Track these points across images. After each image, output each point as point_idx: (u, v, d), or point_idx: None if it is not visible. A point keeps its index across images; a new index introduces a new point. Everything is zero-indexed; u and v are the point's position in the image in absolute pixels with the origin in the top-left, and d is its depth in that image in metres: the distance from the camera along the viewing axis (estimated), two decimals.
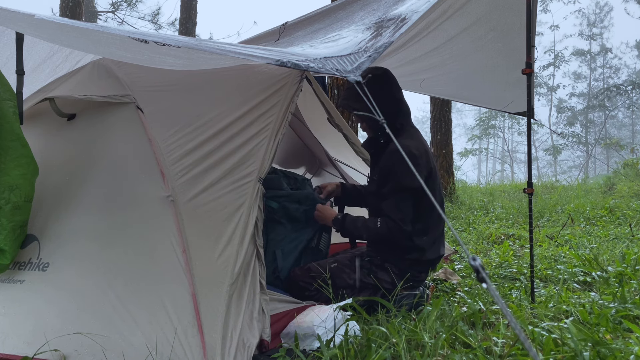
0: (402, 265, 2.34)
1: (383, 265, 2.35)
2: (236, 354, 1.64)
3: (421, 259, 2.35)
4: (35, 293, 1.85)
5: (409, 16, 1.92)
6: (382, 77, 2.44)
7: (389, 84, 2.46)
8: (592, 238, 4.22)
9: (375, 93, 2.42)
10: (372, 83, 2.39)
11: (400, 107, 2.46)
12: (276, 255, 2.44)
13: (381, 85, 2.42)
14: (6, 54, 2.31)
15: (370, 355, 1.68)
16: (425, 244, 2.35)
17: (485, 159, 39.54)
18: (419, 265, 2.37)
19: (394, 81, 2.48)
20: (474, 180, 19.15)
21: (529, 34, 2.56)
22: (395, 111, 2.42)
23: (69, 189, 2.02)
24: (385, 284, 2.31)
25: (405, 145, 2.27)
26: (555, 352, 1.63)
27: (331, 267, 2.37)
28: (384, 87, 2.43)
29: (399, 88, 2.49)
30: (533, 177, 3.06)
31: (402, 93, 2.52)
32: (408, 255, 2.34)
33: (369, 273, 2.35)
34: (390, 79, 2.47)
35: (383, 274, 2.33)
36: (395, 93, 2.45)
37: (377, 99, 2.39)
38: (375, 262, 2.37)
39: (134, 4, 14.61)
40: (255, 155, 2.04)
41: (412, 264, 2.35)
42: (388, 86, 2.45)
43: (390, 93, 2.44)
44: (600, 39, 34.01)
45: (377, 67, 2.50)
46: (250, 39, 3.21)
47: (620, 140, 19.96)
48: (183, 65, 2.12)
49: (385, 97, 2.36)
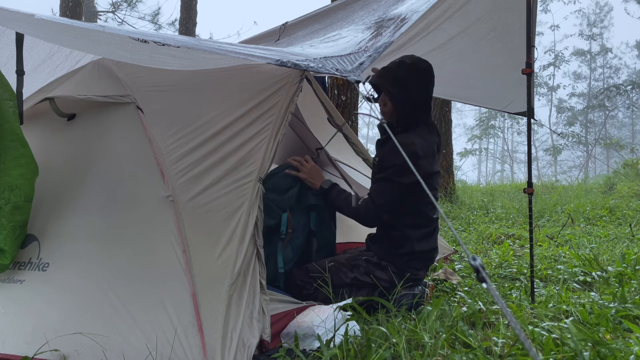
0: (399, 262, 2.35)
1: (380, 264, 2.36)
2: (236, 354, 1.64)
3: (412, 250, 2.35)
4: (35, 293, 1.85)
5: (409, 16, 1.92)
6: (426, 72, 2.44)
7: (428, 80, 2.45)
8: (592, 238, 4.22)
9: (413, 83, 2.44)
10: (415, 74, 2.39)
11: (427, 104, 2.48)
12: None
13: (421, 80, 2.42)
14: (6, 54, 2.31)
15: (370, 355, 1.68)
16: (415, 236, 2.36)
17: (485, 159, 39.55)
18: (415, 262, 2.37)
19: (433, 80, 2.49)
20: (474, 180, 19.18)
21: (529, 34, 2.56)
22: (421, 107, 2.43)
23: (69, 189, 2.02)
24: (383, 283, 2.31)
25: (411, 142, 2.28)
26: (555, 352, 1.63)
27: (328, 266, 2.37)
28: (422, 82, 2.43)
29: (433, 86, 2.50)
30: (533, 177, 3.06)
31: (432, 91, 2.53)
32: (400, 250, 2.35)
33: (367, 272, 2.35)
34: (432, 76, 2.48)
35: (381, 273, 2.34)
36: (429, 90, 2.47)
37: (412, 89, 2.41)
38: (372, 261, 2.37)
39: (134, 4, 14.62)
40: (255, 155, 2.04)
41: (409, 261, 2.36)
42: (426, 81, 2.45)
43: (426, 88, 2.44)
44: (600, 39, 34.05)
45: (423, 59, 2.47)
46: (250, 39, 3.21)
47: (620, 140, 19.95)
48: (183, 65, 2.12)
49: (419, 90, 2.40)
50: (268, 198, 2.32)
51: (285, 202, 2.43)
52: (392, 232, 2.39)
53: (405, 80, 2.38)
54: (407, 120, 2.41)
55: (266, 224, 2.34)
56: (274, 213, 2.39)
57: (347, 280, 2.34)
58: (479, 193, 8.71)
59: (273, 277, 2.37)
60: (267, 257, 2.39)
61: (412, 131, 2.38)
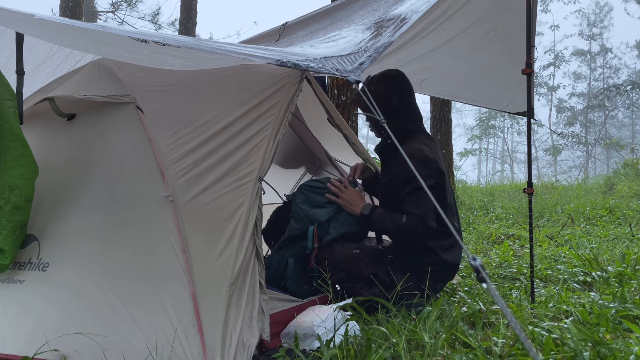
0: (419, 272, 2.30)
1: (403, 270, 2.30)
2: (236, 354, 1.64)
3: (440, 263, 2.34)
4: (35, 293, 1.85)
5: (409, 16, 1.92)
6: (397, 77, 2.46)
7: (400, 83, 2.47)
8: (592, 238, 4.22)
9: (389, 91, 2.46)
10: (386, 83, 2.41)
11: (412, 110, 2.49)
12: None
13: (393, 86, 2.44)
14: (6, 54, 2.31)
15: (370, 355, 1.68)
16: (444, 247, 2.35)
17: (485, 159, 39.54)
18: (438, 273, 2.34)
19: (407, 84, 2.50)
20: (474, 180, 19.19)
21: (529, 34, 2.56)
22: (405, 114, 2.46)
23: (69, 189, 2.02)
24: (401, 287, 2.28)
25: (419, 148, 2.31)
26: (555, 352, 1.63)
27: (353, 252, 2.33)
28: (395, 87, 2.45)
29: (412, 92, 2.52)
30: (533, 177, 3.06)
31: (414, 97, 2.55)
32: (427, 259, 2.32)
33: (387, 272, 2.29)
34: (405, 80, 2.49)
35: (400, 277, 2.27)
36: (407, 96, 2.48)
37: (391, 99, 2.43)
38: (396, 263, 2.33)
39: (134, 4, 14.61)
40: (255, 155, 2.04)
41: (433, 272, 2.31)
42: (400, 85, 2.47)
43: (403, 93, 2.46)
44: (600, 39, 34.05)
45: (392, 69, 2.52)
46: (250, 39, 3.20)
47: (620, 140, 19.96)
48: (183, 65, 2.12)
49: (398, 96, 2.41)
50: (299, 207, 2.40)
51: (316, 216, 2.42)
52: (426, 237, 2.34)
53: (379, 91, 2.39)
54: (399, 132, 2.39)
55: (290, 232, 2.40)
56: (302, 222, 2.40)
57: (366, 273, 2.28)
58: (479, 193, 8.71)
59: (279, 278, 2.38)
60: (278, 262, 2.40)
61: (413, 140, 2.39)
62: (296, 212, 2.43)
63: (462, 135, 34.71)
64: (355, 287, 2.28)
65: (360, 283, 2.28)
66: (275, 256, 2.44)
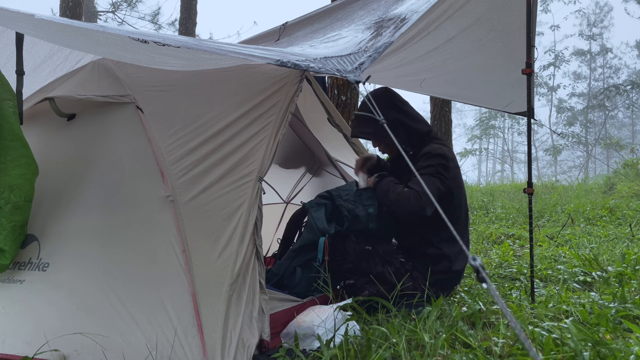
0: (430, 279, 2.32)
1: (412, 273, 2.34)
2: (236, 354, 1.64)
3: (449, 269, 2.38)
4: (35, 293, 1.85)
5: (409, 16, 1.92)
6: (384, 94, 2.56)
7: (391, 98, 2.56)
8: (592, 238, 4.22)
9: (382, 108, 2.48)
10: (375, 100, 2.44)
11: (413, 114, 2.58)
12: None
13: (384, 99, 2.52)
14: (6, 54, 2.30)
15: (370, 355, 1.68)
16: (453, 253, 2.38)
17: (485, 159, 39.54)
18: (445, 281, 2.39)
19: (396, 96, 2.59)
20: (474, 180, 19.19)
21: (529, 34, 2.56)
22: (404, 121, 2.52)
23: (69, 189, 2.02)
24: (406, 291, 2.29)
25: (438, 147, 2.40)
26: (555, 352, 1.63)
27: (365, 248, 2.36)
28: (386, 100, 2.52)
29: (401, 101, 2.59)
30: (533, 177, 3.06)
31: (409, 105, 2.61)
32: (437, 267, 2.36)
33: (396, 273, 2.32)
34: (394, 95, 2.58)
35: (408, 281, 2.31)
36: (401, 106, 2.56)
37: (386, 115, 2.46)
38: (405, 266, 2.36)
39: (134, 4, 14.61)
40: (255, 155, 2.04)
41: (439, 279, 2.35)
42: (391, 100, 2.55)
43: (395, 105, 2.54)
44: (600, 39, 34.04)
45: (377, 88, 2.61)
46: (250, 39, 3.20)
47: (620, 140, 19.96)
48: (183, 65, 2.12)
49: (393, 109, 2.49)
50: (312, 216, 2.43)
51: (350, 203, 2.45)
52: (429, 250, 2.39)
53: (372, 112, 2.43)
54: (417, 138, 2.50)
55: (304, 241, 2.42)
56: (313, 233, 2.42)
57: (374, 271, 2.30)
58: (479, 193, 8.71)
59: (285, 287, 2.38)
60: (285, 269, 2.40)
61: (431, 143, 2.47)
62: (309, 222, 2.46)
63: (462, 135, 34.74)
64: (360, 281, 2.29)
65: (365, 278, 2.30)
66: (283, 264, 2.44)
